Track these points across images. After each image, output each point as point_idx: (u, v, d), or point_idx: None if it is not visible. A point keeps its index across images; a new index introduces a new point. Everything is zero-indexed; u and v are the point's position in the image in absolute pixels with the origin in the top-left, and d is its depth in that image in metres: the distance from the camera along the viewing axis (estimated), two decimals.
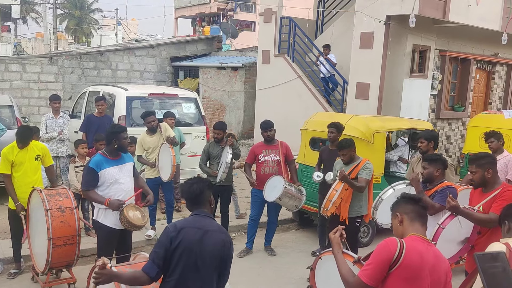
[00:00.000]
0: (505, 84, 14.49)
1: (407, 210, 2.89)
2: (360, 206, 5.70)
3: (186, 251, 3.08)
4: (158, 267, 3.08)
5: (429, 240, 2.86)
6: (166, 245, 3.08)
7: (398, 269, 2.68)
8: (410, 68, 11.01)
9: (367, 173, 5.63)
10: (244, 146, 13.08)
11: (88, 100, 9.78)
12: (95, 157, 5.05)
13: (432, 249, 2.81)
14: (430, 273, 2.71)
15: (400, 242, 2.72)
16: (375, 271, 2.72)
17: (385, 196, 5.08)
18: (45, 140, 8.35)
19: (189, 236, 3.10)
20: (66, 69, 14.26)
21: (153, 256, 3.11)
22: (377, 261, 2.73)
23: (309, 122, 7.94)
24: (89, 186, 4.94)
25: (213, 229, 3.20)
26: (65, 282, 5.47)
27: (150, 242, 7.03)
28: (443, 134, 12.70)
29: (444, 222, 4.21)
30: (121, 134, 4.97)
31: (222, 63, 15.03)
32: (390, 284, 2.73)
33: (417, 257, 2.70)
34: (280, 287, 5.85)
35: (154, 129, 7.27)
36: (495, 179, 4.31)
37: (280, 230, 7.72)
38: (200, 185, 3.27)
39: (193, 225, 3.18)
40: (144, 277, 3.08)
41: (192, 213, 3.30)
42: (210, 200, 3.33)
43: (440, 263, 2.78)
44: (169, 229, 3.16)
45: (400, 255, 2.67)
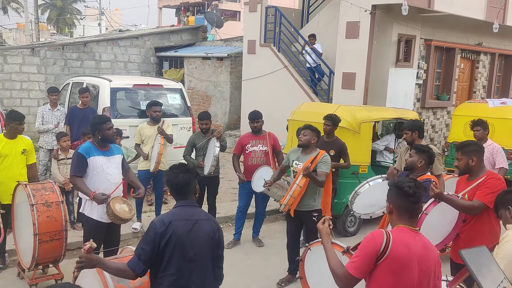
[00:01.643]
0: (489, 73, 14.63)
1: (397, 204, 2.85)
2: (314, 200, 5.47)
3: (179, 244, 3.04)
4: (144, 264, 3.02)
5: (417, 230, 2.86)
6: (154, 242, 3.02)
7: (385, 261, 2.69)
8: (395, 58, 11.05)
9: (326, 166, 5.39)
10: (231, 137, 13.03)
11: (72, 91, 9.64)
12: (85, 144, 5.03)
13: (421, 239, 2.81)
14: (418, 264, 2.71)
15: (387, 234, 2.72)
16: (362, 264, 2.73)
17: (361, 191, 5.13)
18: (40, 132, 8.23)
19: (179, 229, 3.06)
20: (48, 60, 14.02)
21: (139, 253, 3.03)
22: (364, 254, 2.74)
23: (296, 113, 7.93)
24: (78, 172, 4.86)
25: (201, 218, 3.20)
26: (52, 278, 5.39)
27: (137, 235, 6.98)
28: (428, 123, 12.79)
29: (427, 208, 4.24)
30: (103, 125, 4.90)
31: (207, 53, 14.92)
32: (377, 276, 2.74)
33: (404, 249, 2.70)
34: (268, 278, 5.86)
35: (157, 119, 7.25)
36: (480, 167, 4.34)
37: (267, 221, 7.72)
38: (186, 176, 3.19)
39: (181, 217, 3.13)
40: (129, 272, 3.04)
41: (177, 203, 3.25)
42: (196, 190, 3.28)
43: (429, 253, 2.79)
44: (156, 224, 3.08)
45: (386, 247, 2.68)
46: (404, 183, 2.82)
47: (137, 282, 3.34)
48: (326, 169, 5.38)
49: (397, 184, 2.85)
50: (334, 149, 6.51)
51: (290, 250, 5.76)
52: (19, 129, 5.62)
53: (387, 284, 2.71)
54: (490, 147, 6.70)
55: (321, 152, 5.50)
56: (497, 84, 15.26)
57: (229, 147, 8.42)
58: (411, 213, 2.83)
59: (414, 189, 2.79)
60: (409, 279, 2.70)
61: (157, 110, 7.28)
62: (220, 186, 7.41)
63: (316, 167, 5.37)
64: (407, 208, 2.81)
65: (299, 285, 5.65)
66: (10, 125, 5.54)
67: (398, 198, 2.83)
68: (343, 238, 6.97)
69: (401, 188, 2.80)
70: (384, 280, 2.72)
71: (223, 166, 9.68)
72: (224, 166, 10.28)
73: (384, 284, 2.72)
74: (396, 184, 2.86)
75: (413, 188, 2.79)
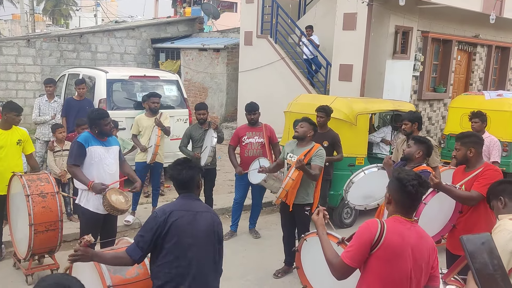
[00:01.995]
0: (485, 65, 14.62)
1: (396, 197, 2.83)
2: (307, 194, 5.45)
3: (179, 233, 3.09)
4: (141, 251, 3.08)
5: (413, 220, 2.86)
6: (153, 230, 3.09)
7: (379, 250, 2.70)
8: (392, 50, 11.03)
9: (321, 160, 5.35)
10: (227, 129, 13.01)
11: (68, 83, 9.60)
12: (84, 133, 5.02)
13: (416, 229, 2.82)
14: (412, 253, 2.72)
15: (381, 223, 2.74)
16: (356, 253, 2.74)
17: (356, 179, 5.11)
18: (37, 123, 8.20)
19: (179, 219, 3.12)
20: (44, 52, 13.94)
21: (138, 240, 3.10)
22: (359, 243, 2.75)
23: (292, 104, 7.91)
24: (76, 161, 4.85)
25: (202, 210, 3.26)
26: (48, 268, 5.40)
27: (133, 227, 6.99)
28: (424, 116, 12.80)
29: (426, 198, 4.25)
30: (101, 121, 4.89)
31: (204, 45, 14.85)
32: (372, 265, 2.75)
33: (398, 238, 2.71)
34: (265, 269, 5.88)
35: (154, 110, 7.23)
36: (477, 158, 4.36)
37: (264, 212, 7.73)
38: (190, 172, 3.26)
39: (182, 208, 3.20)
40: (126, 258, 3.10)
41: (179, 196, 3.31)
42: (199, 184, 3.35)
43: (423, 243, 2.79)
44: (157, 213, 3.15)
45: (381, 236, 2.69)
46: (409, 180, 2.77)
47: (134, 273, 3.34)
48: (320, 163, 5.35)
49: (402, 180, 2.80)
50: (328, 140, 6.51)
51: (286, 242, 5.79)
52: (16, 120, 5.60)
53: (381, 273, 2.73)
54: (487, 139, 6.71)
55: (316, 145, 5.48)
56: (494, 76, 15.27)
57: (225, 139, 8.40)
58: (409, 207, 2.84)
59: (417, 188, 2.76)
60: (403, 268, 2.71)
61: (156, 102, 7.25)
62: (217, 178, 7.41)
63: (310, 160, 5.36)
64: (405, 204, 2.82)
65: (296, 276, 5.68)
66: (7, 115, 5.51)
67: (399, 193, 2.81)
68: (339, 229, 6.99)
69: (404, 186, 2.77)
70: (378, 269, 2.73)
71: (219, 158, 9.68)
72: (220, 158, 10.27)
73: (378, 273, 2.74)
74: (400, 179, 2.81)
75: (416, 187, 2.76)
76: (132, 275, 3.32)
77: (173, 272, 3.10)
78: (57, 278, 2.01)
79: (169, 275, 3.10)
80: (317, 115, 6.53)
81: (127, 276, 3.29)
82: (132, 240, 3.62)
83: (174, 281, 3.08)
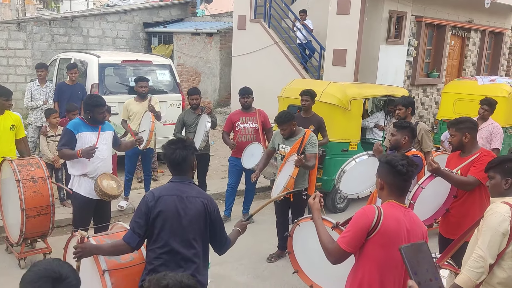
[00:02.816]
0: (478, 50, 14.63)
1: (388, 181, 2.84)
2: (304, 180, 5.53)
3: (168, 219, 3.07)
4: (138, 237, 3.09)
5: (406, 206, 2.88)
6: (146, 215, 3.09)
7: (376, 236, 2.71)
8: (386, 34, 11.00)
9: (314, 148, 5.42)
10: (221, 114, 12.97)
11: (59, 67, 9.50)
12: (74, 120, 5.00)
13: (409, 214, 2.84)
14: (407, 238, 2.74)
15: (378, 209, 2.74)
16: (353, 238, 2.75)
17: (347, 168, 5.12)
18: (29, 109, 8.12)
19: (168, 204, 3.09)
20: (35, 36, 13.75)
21: (133, 226, 3.10)
22: (356, 228, 2.76)
23: (286, 90, 7.88)
24: (64, 147, 4.81)
25: (192, 195, 3.16)
26: (40, 252, 5.41)
27: (126, 212, 6.98)
28: (418, 101, 12.81)
29: (424, 182, 4.27)
30: (96, 109, 4.85)
31: (197, 29, 14.72)
32: (368, 250, 2.76)
33: (394, 223, 2.73)
34: (259, 254, 5.91)
35: (143, 95, 7.15)
36: (473, 144, 4.37)
37: (257, 197, 7.75)
38: (184, 152, 3.16)
39: (172, 192, 3.14)
40: (124, 246, 3.10)
41: (171, 178, 3.26)
42: (193, 165, 3.27)
43: (416, 228, 2.81)
44: (147, 198, 3.14)
45: (378, 222, 2.70)
46: (397, 161, 2.79)
47: (129, 258, 3.34)
48: (314, 151, 5.42)
49: (390, 161, 2.82)
50: (314, 124, 6.48)
51: (279, 227, 5.82)
52: (6, 105, 5.54)
53: (378, 258, 2.75)
54: (491, 126, 6.74)
55: (307, 132, 5.50)
56: (487, 61, 15.30)
57: (219, 124, 8.38)
58: (402, 190, 2.85)
59: (407, 167, 2.78)
60: (398, 253, 2.72)
61: (143, 86, 7.14)
62: (210, 163, 7.40)
63: (304, 149, 5.38)
64: (399, 186, 2.82)
65: (289, 260, 5.72)
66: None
67: (390, 175, 2.82)
68: (332, 214, 7.02)
69: (394, 166, 2.78)
70: (375, 254, 2.75)
71: (213, 144, 9.66)
72: (214, 144, 10.26)
73: (374, 258, 2.75)
74: (389, 162, 2.83)
75: (406, 167, 2.77)
76: (127, 260, 3.32)
77: (163, 258, 3.08)
78: (49, 264, 2.00)
79: (159, 260, 3.09)
80: (302, 98, 6.50)
81: (122, 261, 3.29)
82: (126, 225, 3.64)
83: (164, 265, 3.06)
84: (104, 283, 3.12)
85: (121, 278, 3.22)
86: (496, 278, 3.04)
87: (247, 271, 5.52)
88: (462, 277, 3.07)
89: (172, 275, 2.13)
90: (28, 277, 1.94)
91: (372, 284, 2.78)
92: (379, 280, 2.76)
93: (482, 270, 3.01)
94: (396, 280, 2.78)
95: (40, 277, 1.93)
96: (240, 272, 5.48)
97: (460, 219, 4.32)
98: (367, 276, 2.79)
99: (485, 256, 3.00)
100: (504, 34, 15.36)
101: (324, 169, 7.05)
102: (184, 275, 2.15)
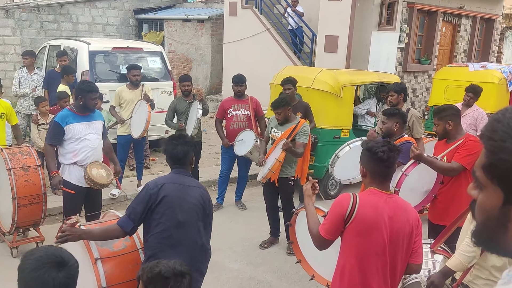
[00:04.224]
0: (470, 37, 14.64)
1: (370, 168, 2.82)
2: (291, 167, 5.57)
3: (170, 206, 3.17)
4: (133, 222, 3.15)
5: (390, 192, 2.86)
6: (145, 202, 3.16)
7: (352, 224, 2.71)
8: (378, 21, 10.95)
9: (305, 137, 5.46)
10: (212, 102, 12.93)
11: (49, 55, 9.39)
12: (62, 112, 4.95)
13: (393, 200, 2.80)
14: (389, 225, 2.71)
15: (353, 197, 2.74)
16: (331, 226, 2.77)
17: (341, 154, 5.14)
18: (17, 96, 8.03)
19: (170, 191, 3.20)
20: (23, 23, 13.56)
21: (129, 211, 3.17)
22: (332, 217, 2.78)
23: (278, 76, 7.85)
24: (52, 141, 4.83)
25: (192, 184, 3.33)
26: (33, 241, 5.40)
27: (118, 200, 6.97)
28: (409, 87, 12.81)
29: (407, 169, 4.31)
30: (89, 94, 4.82)
31: (188, 16, 14.60)
32: (346, 238, 2.78)
33: (371, 211, 2.71)
34: (251, 240, 5.94)
35: (135, 83, 7.09)
36: (457, 130, 4.40)
37: (250, 184, 7.76)
38: (185, 148, 3.32)
39: (174, 181, 3.29)
40: (117, 230, 3.15)
41: (172, 170, 3.39)
42: (192, 161, 3.43)
43: (401, 213, 2.77)
44: (149, 186, 3.23)
45: (353, 210, 2.70)
46: (378, 147, 2.77)
47: (121, 246, 3.35)
48: (304, 140, 5.45)
49: (371, 148, 2.80)
50: (301, 111, 6.48)
51: (269, 214, 5.86)
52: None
53: (356, 245, 2.75)
54: (475, 112, 6.76)
55: (301, 121, 5.53)
56: (478, 48, 15.31)
57: (210, 112, 8.36)
58: (384, 177, 2.82)
59: (387, 153, 2.74)
60: (377, 241, 2.72)
61: (136, 74, 7.09)
62: (203, 151, 7.40)
63: (295, 137, 5.41)
64: (380, 172, 2.80)
65: (281, 246, 5.77)
66: None
67: (371, 162, 2.80)
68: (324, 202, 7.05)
69: (375, 153, 2.76)
70: (352, 242, 2.76)
71: (205, 131, 9.64)
72: (206, 131, 10.24)
73: (352, 245, 2.76)
74: (369, 149, 2.81)
75: (387, 153, 2.74)
76: (120, 248, 3.33)
77: (164, 243, 3.16)
78: (47, 250, 2.02)
79: (159, 246, 3.16)
80: (284, 87, 6.44)
81: (114, 249, 3.30)
82: (118, 213, 3.66)
83: (164, 251, 3.13)
84: (97, 271, 3.13)
85: (114, 266, 3.22)
86: (490, 261, 3.09)
87: (240, 258, 5.55)
88: (454, 260, 3.12)
89: (165, 262, 2.16)
90: (29, 265, 1.94)
91: (352, 271, 2.78)
92: (359, 267, 2.76)
93: (473, 254, 3.06)
94: (380, 267, 2.76)
95: (43, 263, 1.94)
96: (233, 259, 5.51)
97: (446, 205, 4.36)
98: (348, 263, 2.80)
99: None
100: (495, 20, 15.37)
101: (316, 155, 7.07)
102: (177, 262, 2.18)
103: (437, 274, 3.11)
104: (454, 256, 3.15)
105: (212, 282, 4.68)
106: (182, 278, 2.14)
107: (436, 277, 3.09)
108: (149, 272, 2.13)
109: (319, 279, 3.73)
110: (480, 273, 3.14)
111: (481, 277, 3.14)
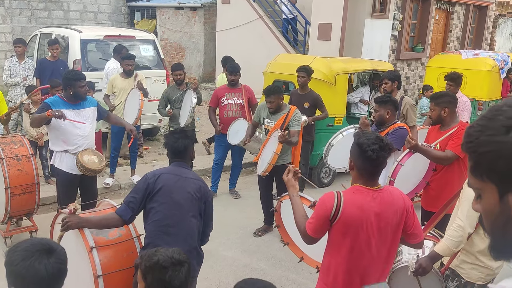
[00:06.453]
0: (463, 24, 14.66)
1: (358, 163, 2.72)
2: (287, 154, 5.57)
3: (169, 194, 3.24)
4: (132, 211, 3.21)
5: (377, 187, 2.73)
6: (143, 191, 3.23)
7: (337, 223, 2.67)
8: (371, 8, 10.93)
9: (297, 124, 5.45)
10: (206, 90, 12.88)
11: (40, 43, 9.30)
12: (53, 97, 4.91)
13: (381, 195, 2.70)
14: (376, 222, 2.67)
15: (338, 197, 2.66)
16: (317, 225, 2.72)
17: (334, 142, 5.14)
18: (8, 85, 7.96)
19: (168, 181, 3.26)
20: (14, 10, 13.41)
21: (128, 200, 3.22)
22: (317, 216, 2.72)
23: (271, 64, 7.85)
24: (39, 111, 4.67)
25: (191, 176, 3.39)
26: (26, 230, 5.39)
27: (112, 189, 6.97)
28: (402, 75, 12.84)
29: (402, 159, 4.32)
30: (77, 82, 4.76)
31: (180, 3, 14.48)
32: (332, 237, 2.75)
33: (357, 211, 2.65)
34: (246, 228, 5.96)
35: (129, 73, 7.06)
36: (452, 118, 4.41)
37: (244, 173, 7.78)
38: (186, 142, 3.41)
39: (172, 172, 3.36)
40: (115, 219, 3.20)
41: (172, 163, 3.47)
42: (192, 155, 3.51)
43: (389, 208, 2.70)
44: (148, 176, 3.31)
45: (337, 211, 2.64)
46: (369, 145, 2.61)
47: (116, 234, 3.36)
48: (297, 127, 5.45)
49: (361, 145, 2.65)
50: (309, 102, 6.51)
51: (263, 202, 5.89)
52: None
53: (341, 244, 2.72)
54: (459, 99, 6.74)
55: (292, 108, 5.51)
56: (471, 35, 15.34)
57: (204, 100, 8.33)
58: (371, 175, 2.72)
59: (377, 152, 2.61)
60: (362, 238, 2.68)
61: (130, 64, 7.04)
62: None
63: (288, 125, 5.40)
64: (368, 170, 2.69)
65: (275, 234, 5.79)
66: None
67: (360, 159, 2.68)
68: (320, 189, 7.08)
69: (364, 151, 2.63)
70: (338, 241, 2.72)
71: (198, 120, 9.62)
72: (199, 120, 10.22)
73: (338, 244, 2.73)
74: (360, 144, 2.66)
75: (377, 152, 2.61)
76: (115, 236, 3.33)
77: (161, 230, 3.21)
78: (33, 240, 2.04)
79: (157, 234, 3.21)
80: (298, 75, 6.47)
81: (109, 237, 3.31)
82: (113, 202, 3.67)
83: (161, 239, 3.17)
84: (92, 260, 3.13)
85: (109, 255, 3.23)
86: (476, 247, 3.14)
87: (234, 246, 5.58)
88: (441, 245, 3.16)
89: (163, 250, 2.17)
90: (18, 257, 1.95)
91: (338, 271, 2.75)
92: (345, 267, 2.73)
93: (460, 239, 3.10)
94: (366, 265, 2.73)
95: (32, 252, 1.95)
96: (227, 247, 5.54)
97: (439, 192, 4.39)
98: (334, 262, 2.77)
99: (464, 226, 3.08)
100: (488, 7, 15.38)
101: (312, 145, 7.07)
102: (175, 250, 2.18)
103: (424, 258, 3.14)
104: (442, 241, 3.19)
105: (207, 270, 4.70)
106: (181, 267, 2.14)
107: (424, 261, 3.12)
108: (147, 261, 2.14)
109: (308, 261, 3.72)
110: (466, 257, 3.20)
111: (468, 262, 3.20)
